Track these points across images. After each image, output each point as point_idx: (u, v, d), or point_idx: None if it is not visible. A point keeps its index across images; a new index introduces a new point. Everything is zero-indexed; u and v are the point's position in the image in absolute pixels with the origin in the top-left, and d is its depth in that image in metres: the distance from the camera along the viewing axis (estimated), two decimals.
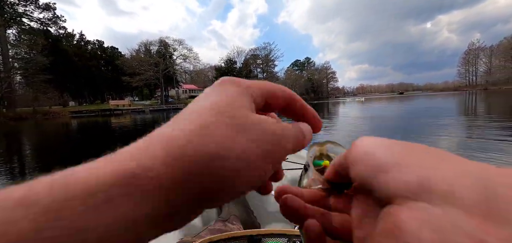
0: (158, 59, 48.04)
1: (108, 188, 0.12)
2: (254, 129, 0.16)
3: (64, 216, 0.11)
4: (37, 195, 0.11)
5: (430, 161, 0.13)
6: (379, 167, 0.14)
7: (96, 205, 0.11)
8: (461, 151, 4.46)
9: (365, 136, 0.17)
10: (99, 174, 0.12)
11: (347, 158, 0.17)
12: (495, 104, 15.69)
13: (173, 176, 0.13)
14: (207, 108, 0.16)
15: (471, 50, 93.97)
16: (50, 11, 39.28)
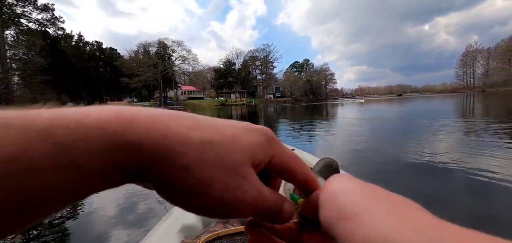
0: (156, 60, 48.01)
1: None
2: (230, 176, 0.16)
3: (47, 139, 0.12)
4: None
5: (390, 215, 0.13)
6: (341, 214, 0.14)
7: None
8: (459, 151, 4.45)
9: (337, 175, 0.17)
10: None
11: (318, 197, 0.17)
12: (492, 106, 15.73)
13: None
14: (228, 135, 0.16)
15: (468, 52, 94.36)
16: (49, 12, 39.19)
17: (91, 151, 0.12)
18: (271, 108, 33.18)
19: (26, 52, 33.88)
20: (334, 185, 0.16)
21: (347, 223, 0.13)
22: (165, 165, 0.14)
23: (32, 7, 36.71)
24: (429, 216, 0.12)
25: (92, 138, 0.12)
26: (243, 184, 0.16)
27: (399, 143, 5.99)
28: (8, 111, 0.12)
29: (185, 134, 0.15)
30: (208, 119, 0.17)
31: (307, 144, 6.70)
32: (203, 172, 0.15)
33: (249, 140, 0.17)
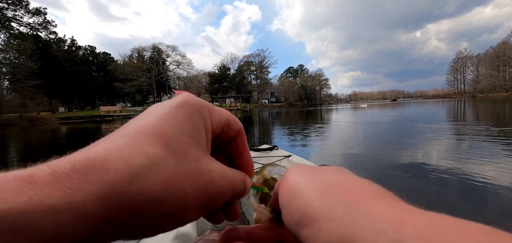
0: (151, 65, 47.69)
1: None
2: (202, 177, 0.16)
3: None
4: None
5: (351, 217, 0.12)
6: (300, 220, 0.14)
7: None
8: (455, 152, 4.47)
9: (297, 168, 0.17)
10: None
11: (278, 196, 0.17)
12: (482, 111, 16.03)
13: (104, 216, 0.12)
14: (158, 134, 0.15)
15: (459, 59, 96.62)
16: (41, 15, 38.68)
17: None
18: (266, 113, 33.15)
19: (16, 56, 33.25)
20: (289, 183, 0.16)
21: (306, 230, 0.13)
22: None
23: (24, 10, 36.18)
24: (391, 208, 0.12)
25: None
26: (212, 177, 0.16)
27: (403, 146, 5.97)
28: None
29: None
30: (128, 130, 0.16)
31: (303, 149, 6.64)
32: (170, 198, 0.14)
33: (179, 127, 0.16)
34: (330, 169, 0.17)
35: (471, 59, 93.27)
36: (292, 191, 0.15)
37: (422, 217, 0.11)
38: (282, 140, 8.04)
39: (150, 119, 0.16)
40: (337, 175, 0.15)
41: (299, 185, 0.15)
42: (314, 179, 0.15)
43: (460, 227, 0.10)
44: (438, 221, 0.11)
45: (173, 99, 0.18)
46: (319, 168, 0.17)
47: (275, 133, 10.38)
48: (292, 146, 6.70)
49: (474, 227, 0.10)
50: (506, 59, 76.71)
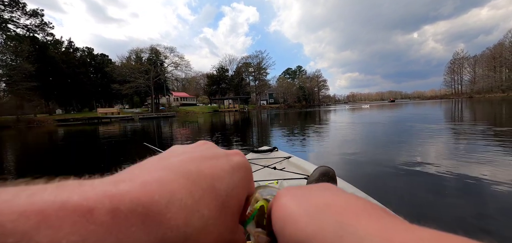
0: (148, 66, 47.53)
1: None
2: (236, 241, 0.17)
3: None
4: None
5: (340, 237, 0.12)
6: (282, 231, 0.15)
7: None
8: (452, 152, 4.45)
9: (287, 191, 0.17)
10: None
11: (272, 222, 0.17)
12: (479, 111, 16.10)
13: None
14: (215, 192, 0.15)
15: (456, 60, 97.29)
16: (38, 17, 38.46)
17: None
18: (264, 114, 33.12)
19: (13, 58, 33.01)
20: (280, 210, 0.16)
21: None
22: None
23: (21, 12, 35.98)
24: (379, 226, 0.12)
25: None
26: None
27: (403, 146, 5.95)
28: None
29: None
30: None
31: (303, 149, 6.61)
32: None
33: (236, 196, 0.17)
34: (318, 188, 0.17)
35: (468, 60, 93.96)
36: (284, 218, 0.15)
37: (410, 233, 0.11)
38: (282, 141, 8.00)
39: (208, 168, 0.16)
40: (325, 195, 0.15)
41: (290, 211, 0.15)
42: (304, 203, 0.15)
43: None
44: (426, 238, 0.11)
45: (231, 156, 0.18)
46: (308, 189, 0.17)
47: (275, 134, 10.34)
48: (291, 147, 6.65)
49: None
50: (502, 60, 77.33)
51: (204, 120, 24.79)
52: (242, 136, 10.36)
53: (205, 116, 35.43)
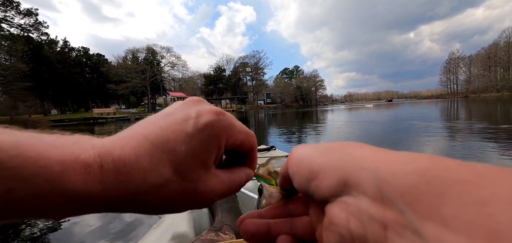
0: (145, 66, 47.17)
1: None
2: (195, 194, 0.20)
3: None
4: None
5: (342, 160, 0.16)
6: (309, 176, 0.17)
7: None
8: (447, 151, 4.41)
9: (301, 145, 0.20)
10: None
11: (287, 170, 0.20)
12: (474, 110, 16.17)
13: (117, 205, 0.17)
14: (172, 155, 0.19)
15: (451, 60, 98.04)
16: (32, 16, 37.97)
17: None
18: (262, 114, 33.01)
19: (7, 57, 32.54)
20: (296, 155, 0.19)
21: (314, 182, 0.17)
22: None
23: (15, 11, 35.49)
24: (367, 151, 0.16)
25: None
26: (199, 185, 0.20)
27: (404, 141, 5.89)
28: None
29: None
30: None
31: None
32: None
33: (196, 146, 0.19)
34: (326, 143, 0.20)
35: (464, 60, 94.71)
36: (300, 159, 0.19)
37: (395, 155, 0.14)
38: (280, 141, 7.91)
39: (169, 133, 0.19)
40: (332, 144, 0.18)
41: (305, 153, 0.19)
42: (315, 147, 0.19)
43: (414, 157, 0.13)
44: (407, 157, 0.13)
45: (200, 116, 0.20)
46: (318, 144, 0.20)
47: (272, 134, 10.25)
48: (291, 146, 6.57)
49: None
50: (497, 60, 78.07)
51: None
52: None
53: None
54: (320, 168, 0.16)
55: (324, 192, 0.16)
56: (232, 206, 1.07)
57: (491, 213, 0.09)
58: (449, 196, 0.10)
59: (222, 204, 1.08)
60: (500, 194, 0.09)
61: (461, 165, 0.11)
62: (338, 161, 0.16)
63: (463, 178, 0.10)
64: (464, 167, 0.11)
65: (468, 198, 0.10)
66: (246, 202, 1.25)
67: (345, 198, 0.15)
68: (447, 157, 0.12)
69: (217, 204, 1.09)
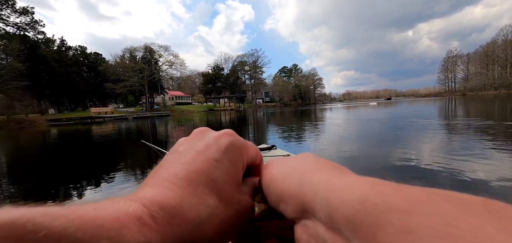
0: (142, 65, 46.91)
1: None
2: (239, 213, 0.21)
3: None
4: None
5: (301, 185, 0.17)
6: (276, 199, 0.19)
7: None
8: (446, 149, 4.38)
9: (270, 163, 0.22)
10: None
11: (262, 184, 0.22)
12: (472, 108, 16.20)
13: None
14: (212, 184, 0.20)
15: (449, 58, 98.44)
16: (28, 15, 37.61)
17: None
18: (260, 113, 32.96)
19: (3, 57, 32.25)
20: (264, 178, 0.21)
21: (281, 206, 0.19)
22: None
23: (10, 10, 35.15)
24: (327, 175, 0.17)
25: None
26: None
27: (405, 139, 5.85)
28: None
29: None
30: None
31: (302, 147, 6.48)
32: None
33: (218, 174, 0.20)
34: (295, 158, 0.22)
35: (461, 58, 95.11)
36: (268, 181, 0.20)
37: (348, 177, 0.15)
38: (280, 140, 7.85)
39: (203, 164, 0.20)
40: (297, 161, 0.20)
41: (272, 175, 0.20)
42: (281, 168, 0.20)
43: (360, 181, 0.14)
44: (358, 181, 0.14)
45: (218, 140, 0.22)
46: (288, 158, 0.22)
47: (272, 133, 10.19)
48: (289, 145, 6.51)
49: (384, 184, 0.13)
50: (494, 58, 78.45)
51: (199, 119, 24.55)
52: (239, 134, 10.18)
53: (201, 115, 35.14)
54: (284, 193, 0.18)
55: (289, 215, 0.18)
56: None
57: (414, 242, 0.10)
58: (382, 225, 0.11)
59: None
60: (424, 224, 0.10)
61: (396, 190, 0.12)
62: (298, 186, 0.17)
63: (396, 205, 0.11)
64: (398, 193, 0.12)
65: (397, 226, 0.11)
66: None
67: (306, 221, 0.16)
68: (386, 181, 0.13)
69: None
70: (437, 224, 0.10)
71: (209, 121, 20.57)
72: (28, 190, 4.03)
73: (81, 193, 3.65)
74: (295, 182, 0.18)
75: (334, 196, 0.14)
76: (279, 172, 0.20)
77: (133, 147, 7.91)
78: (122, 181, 4.08)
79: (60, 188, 4.05)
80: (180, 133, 11.90)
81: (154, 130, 14.68)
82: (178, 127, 15.89)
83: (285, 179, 0.19)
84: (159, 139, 9.86)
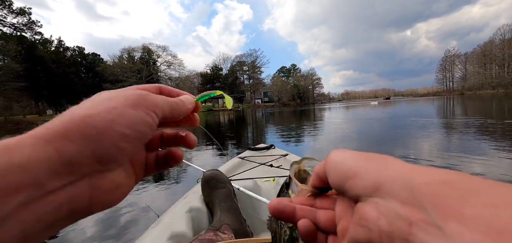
0: (141, 65, 46.84)
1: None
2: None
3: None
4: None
5: (377, 168, 0.18)
6: (347, 175, 0.19)
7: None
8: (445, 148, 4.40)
9: (341, 149, 0.22)
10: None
11: (325, 167, 0.22)
12: (470, 107, 16.28)
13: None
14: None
15: (447, 57, 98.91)
16: (25, 16, 37.45)
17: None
18: (259, 113, 32.95)
19: (0, 57, 32.07)
20: (336, 156, 0.21)
21: (352, 181, 0.19)
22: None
23: (7, 10, 35.00)
24: (401, 163, 0.18)
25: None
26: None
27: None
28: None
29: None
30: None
31: (301, 147, 6.47)
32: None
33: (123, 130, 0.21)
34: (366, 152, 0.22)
35: (459, 58, 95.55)
36: (342, 159, 0.20)
37: (425, 168, 0.16)
38: (278, 139, 7.85)
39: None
40: (371, 153, 0.20)
41: (346, 156, 0.21)
42: (355, 153, 0.21)
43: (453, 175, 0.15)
44: (442, 173, 0.15)
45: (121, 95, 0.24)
46: (349, 150, 0.22)
47: (270, 132, 10.18)
48: (288, 144, 6.51)
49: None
50: (492, 57, 78.89)
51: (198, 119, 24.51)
52: (237, 134, 10.17)
53: (199, 115, 34.90)
54: (360, 170, 0.19)
55: (359, 190, 0.18)
56: (231, 205, 1.04)
57: (501, 214, 0.12)
58: (468, 201, 0.13)
59: (221, 203, 1.04)
60: (507, 201, 0.12)
61: (476, 179, 0.14)
62: (376, 166, 0.18)
63: (479, 187, 0.13)
64: (479, 180, 0.14)
65: (484, 201, 0.12)
66: (246, 201, 1.22)
67: (376, 199, 0.17)
68: (467, 173, 0.15)
69: (216, 203, 1.05)
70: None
71: (208, 121, 20.53)
72: None
73: None
74: (373, 163, 0.19)
75: (419, 178, 0.15)
76: (354, 154, 0.21)
77: None
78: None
79: None
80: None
81: None
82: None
83: (362, 159, 0.20)
84: None
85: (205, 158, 5.25)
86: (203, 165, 1.73)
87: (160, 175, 4.04)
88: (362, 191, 0.18)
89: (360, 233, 0.17)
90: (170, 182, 3.58)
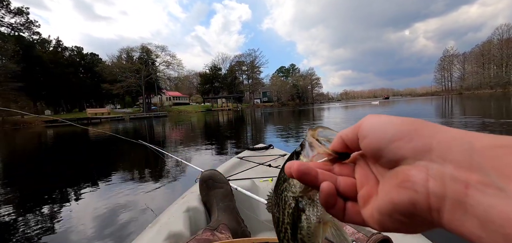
0: (139, 65, 46.70)
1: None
2: None
3: None
4: None
5: (428, 131, 0.17)
6: (393, 137, 0.18)
7: None
8: None
9: (370, 115, 0.21)
10: None
11: (357, 131, 0.21)
12: (468, 106, 16.33)
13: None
14: None
15: (446, 57, 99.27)
16: (23, 15, 37.30)
17: None
18: (258, 113, 32.92)
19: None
20: (374, 120, 0.20)
21: (398, 143, 0.18)
22: None
23: (5, 10, 34.86)
24: (454, 129, 0.17)
25: None
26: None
27: None
28: None
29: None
30: None
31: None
32: None
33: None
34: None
35: (458, 58, 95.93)
36: (384, 123, 0.19)
37: (480, 134, 0.16)
38: (277, 139, 7.84)
39: None
40: (409, 118, 0.19)
41: (386, 120, 0.20)
42: (393, 117, 0.20)
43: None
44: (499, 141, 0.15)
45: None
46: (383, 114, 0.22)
47: (269, 133, 10.17)
48: (288, 144, 6.50)
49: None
50: (490, 57, 79.22)
51: (197, 119, 24.46)
52: (236, 134, 10.16)
53: (198, 115, 35.01)
54: (409, 133, 0.18)
55: (406, 153, 0.17)
56: (228, 205, 1.03)
57: None
58: None
59: (219, 203, 1.03)
60: None
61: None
62: (426, 129, 0.17)
63: None
64: None
65: None
66: (243, 201, 1.22)
67: (424, 162, 0.16)
68: None
69: (214, 202, 1.04)
70: None
71: (207, 121, 20.52)
72: (28, 189, 3.97)
73: (78, 195, 3.61)
74: (421, 127, 0.18)
75: (476, 140, 0.15)
76: (398, 118, 0.20)
77: (130, 147, 7.85)
78: (121, 181, 4.04)
79: (56, 189, 4.00)
80: (178, 134, 11.85)
81: (152, 131, 14.60)
82: (175, 128, 15.82)
83: (409, 122, 0.19)
84: (157, 138, 9.81)
85: (204, 158, 5.23)
86: (201, 164, 1.72)
87: (158, 175, 4.03)
88: (410, 153, 0.17)
89: (402, 195, 0.17)
90: (168, 182, 3.56)
